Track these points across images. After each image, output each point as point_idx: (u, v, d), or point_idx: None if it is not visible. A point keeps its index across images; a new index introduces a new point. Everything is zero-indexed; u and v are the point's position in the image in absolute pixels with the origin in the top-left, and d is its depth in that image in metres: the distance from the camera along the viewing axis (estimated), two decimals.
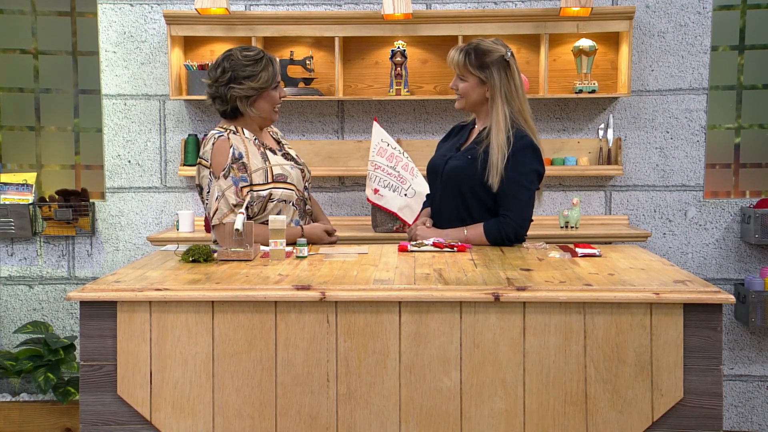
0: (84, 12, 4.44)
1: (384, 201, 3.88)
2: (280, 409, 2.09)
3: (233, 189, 2.70)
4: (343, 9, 4.25)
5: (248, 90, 2.76)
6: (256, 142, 2.83)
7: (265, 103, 2.81)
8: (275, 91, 2.83)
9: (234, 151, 2.73)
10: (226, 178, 2.71)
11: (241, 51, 2.78)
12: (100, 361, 2.11)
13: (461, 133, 3.08)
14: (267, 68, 2.78)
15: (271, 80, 2.79)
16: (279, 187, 2.77)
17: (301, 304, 2.07)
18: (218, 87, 2.77)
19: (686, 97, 4.20)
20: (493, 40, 2.93)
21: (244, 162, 2.73)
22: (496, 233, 2.81)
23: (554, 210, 4.28)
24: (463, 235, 2.83)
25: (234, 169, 2.72)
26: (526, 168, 2.82)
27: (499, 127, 2.82)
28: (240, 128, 2.83)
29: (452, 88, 2.97)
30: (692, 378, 2.05)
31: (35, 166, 4.49)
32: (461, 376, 2.06)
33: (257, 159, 2.78)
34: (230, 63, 2.76)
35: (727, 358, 4.24)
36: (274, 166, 2.80)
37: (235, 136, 2.78)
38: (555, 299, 2.04)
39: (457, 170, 2.88)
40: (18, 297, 4.35)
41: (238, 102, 2.77)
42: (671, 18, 4.18)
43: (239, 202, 2.69)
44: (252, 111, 2.80)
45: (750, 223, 4.04)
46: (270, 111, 2.84)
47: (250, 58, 2.76)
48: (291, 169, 2.84)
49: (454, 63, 2.92)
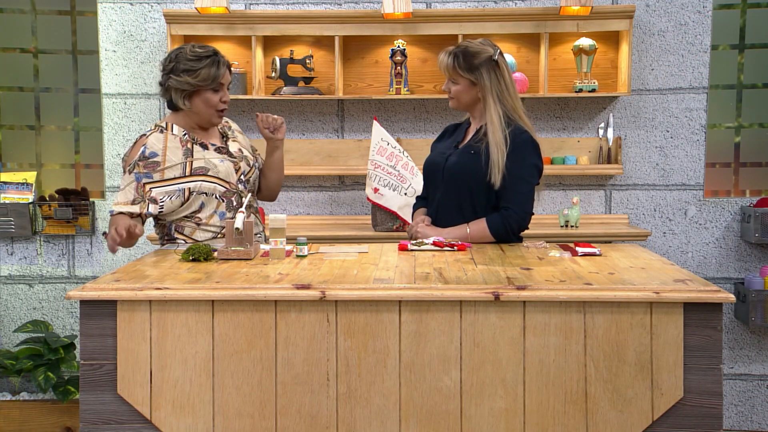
0: (84, 11, 4.44)
1: (384, 200, 3.88)
2: (280, 408, 2.09)
3: (134, 185, 2.78)
4: (343, 8, 4.25)
5: (184, 84, 2.78)
6: (185, 137, 2.85)
7: (200, 102, 2.82)
8: (214, 94, 2.81)
9: (145, 149, 2.80)
10: (130, 174, 2.80)
11: (192, 46, 2.81)
12: (100, 360, 2.11)
13: (457, 132, 3.08)
14: (210, 67, 2.78)
15: (211, 80, 2.78)
16: (197, 180, 2.80)
17: (301, 303, 2.07)
18: (162, 75, 2.83)
19: (686, 96, 4.20)
20: (481, 41, 2.94)
21: (155, 160, 2.79)
22: (500, 227, 2.83)
23: (554, 209, 4.28)
24: (465, 232, 2.83)
25: (139, 166, 2.78)
26: (526, 163, 2.85)
27: (494, 127, 2.84)
28: (171, 124, 2.87)
29: (445, 90, 2.98)
30: (692, 377, 2.05)
31: (35, 165, 4.49)
32: (461, 375, 2.06)
33: (177, 155, 2.81)
34: (176, 54, 2.80)
35: (727, 357, 4.24)
36: (196, 160, 2.82)
37: (156, 135, 2.84)
38: (555, 298, 2.04)
39: (461, 166, 2.89)
40: (18, 296, 4.35)
41: (173, 93, 2.81)
42: (671, 17, 4.17)
43: (136, 198, 2.76)
44: (186, 106, 2.82)
45: (750, 222, 4.04)
46: (206, 112, 2.83)
47: (196, 54, 2.78)
48: (220, 162, 2.85)
49: (443, 66, 2.93)
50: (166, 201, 2.78)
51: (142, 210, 2.76)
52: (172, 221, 2.87)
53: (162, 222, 2.90)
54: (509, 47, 4.23)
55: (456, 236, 2.80)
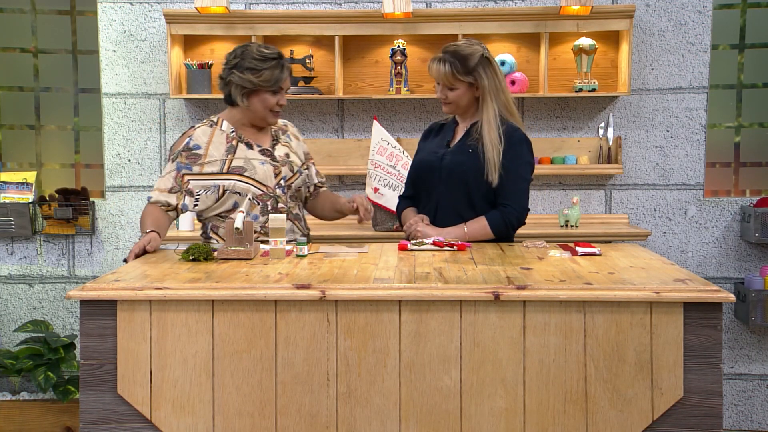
0: (84, 11, 4.44)
1: (384, 200, 3.88)
2: (280, 407, 2.09)
3: (174, 174, 2.82)
4: (343, 8, 4.25)
5: (245, 81, 2.78)
6: (233, 134, 2.86)
7: (258, 102, 2.82)
8: (272, 96, 2.82)
9: (190, 141, 2.84)
10: (173, 162, 2.84)
11: (259, 46, 2.83)
12: (100, 359, 2.11)
13: (444, 131, 3.07)
14: (274, 69, 2.79)
15: (273, 83, 2.79)
16: (232, 179, 2.80)
17: (301, 303, 2.07)
18: (225, 69, 2.84)
19: (686, 96, 4.20)
20: (466, 41, 2.94)
21: (197, 153, 2.82)
22: (501, 223, 2.86)
23: (554, 209, 4.28)
24: (463, 232, 2.83)
25: (182, 156, 2.83)
26: (522, 160, 2.90)
27: (490, 126, 2.87)
28: (222, 120, 2.89)
29: (441, 98, 2.95)
30: (692, 377, 2.05)
31: (35, 165, 4.49)
32: (461, 375, 2.06)
33: (219, 151, 2.83)
34: (242, 51, 2.81)
35: (727, 357, 4.24)
36: (236, 158, 2.83)
37: (204, 128, 2.87)
38: (555, 298, 2.04)
39: (460, 165, 2.89)
40: (18, 296, 4.35)
41: (233, 89, 2.82)
42: (671, 17, 4.18)
43: (174, 187, 2.81)
44: (243, 103, 2.83)
45: (750, 222, 4.04)
46: (262, 112, 2.84)
47: (262, 55, 2.79)
48: (260, 164, 2.84)
49: (439, 75, 2.90)
50: (202, 195, 2.81)
51: (178, 201, 2.81)
52: (207, 220, 2.89)
53: (201, 219, 2.93)
54: (509, 47, 4.23)
55: (455, 236, 2.80)
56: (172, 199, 2.81)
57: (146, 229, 2.72)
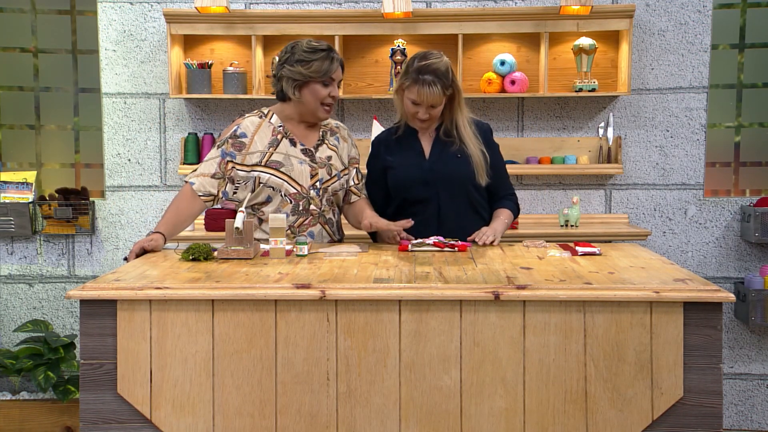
0: (84, 10, 4.44)
1: None
2: (280, 407, 2.09)
3: (218, 160, 2.84)
4: (343, 7, 4.25)
5: (296, 73, 2.80)
6: (280, 128, 2.88)
7: (309, 94, 2.82)
8: (323, 88, 2.82)
9: (238, 128, 2.87)
10: (218, 149, 2.86)
11: (309, 41, 2.85)
12: (100, 359, 2.11)
13: (406, 141, 2.99)
14: (323, 60, 2.80)
15: (323, 74, 2.80)
16: (267, 172, 2.82)
17: (301, 303, 2.07)
18: (276, 66, 2.87)
19: (686, 96, 4.20)
20: (433, 55, 2.87)
21: (243, 141, 2.84)
22: (516, 210, 3.07)
23: (554, 208, 4.28)
24: (504, 224, 2.95)
25: (228, 143, 2.85)
26: (497, 150, 3.05)
27: (467, 131, 2.94)
28: (272, 113, 2.91)
29: (422, 118, 2.87)
30: (692, 376, 2.05)
31: (35, 165, 4.49)
32: (461, 375, 2.06)
33: (263, 143, 2.85)
34: (292, 46, 2.84)
35: (727, 357, 4.24)
36: (277, 153, 2.84)
37: (253, 118, 2.90)
38: (555, 298, 2.04)
39: (459, 172, 2.92)
40: (18, 295, 4.35)
41: (284, 82, 2.84)
42: (671, 16, 4.17)
43: (216, 173, 2.82)
44: (295, 96, 2.83)
45: (750, 222, 4.04)
46: (314, 105, 2.83)
47: (311, 47, 2.82)
48: (298, 162, 2.84)
49: (434, 98, 2.83)
50: (241, 185, 2.83)
51: (219, 188, 2.83)
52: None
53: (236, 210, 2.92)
54: (509, 47, 4.23)
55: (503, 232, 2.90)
56: (214, 187, 2.82)
57: (160, 226, 2.74)
